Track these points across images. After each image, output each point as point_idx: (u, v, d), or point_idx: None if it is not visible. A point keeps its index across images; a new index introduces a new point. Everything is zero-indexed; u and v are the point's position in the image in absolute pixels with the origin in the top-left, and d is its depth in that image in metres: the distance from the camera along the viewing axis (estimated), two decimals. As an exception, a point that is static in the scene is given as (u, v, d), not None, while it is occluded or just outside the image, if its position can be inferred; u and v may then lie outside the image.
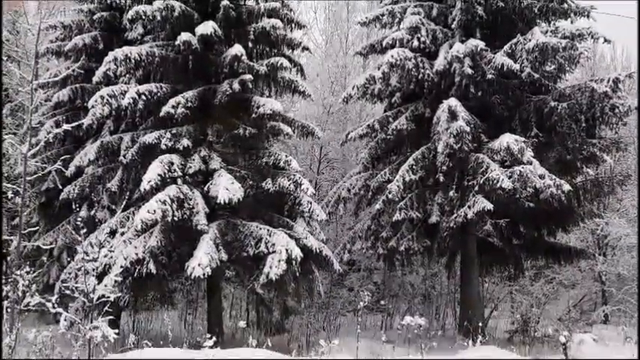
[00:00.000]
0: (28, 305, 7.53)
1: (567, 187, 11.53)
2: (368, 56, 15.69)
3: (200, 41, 11.45)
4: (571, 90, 12.67)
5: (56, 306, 7.03)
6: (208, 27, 11.30)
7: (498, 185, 11.27)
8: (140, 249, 10.47)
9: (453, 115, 11.88)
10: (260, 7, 12.15)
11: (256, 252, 11.00)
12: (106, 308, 7.97)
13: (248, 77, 11.38)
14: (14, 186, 10.73)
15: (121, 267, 9.76)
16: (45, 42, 14.81)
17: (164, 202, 10.32)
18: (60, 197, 12.40)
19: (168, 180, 10.76)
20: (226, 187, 10.69)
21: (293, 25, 13.24)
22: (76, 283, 8.05)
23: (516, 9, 13.02)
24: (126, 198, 10.89)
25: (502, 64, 12.07)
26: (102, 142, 12.26)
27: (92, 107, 11.45)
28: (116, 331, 7.40)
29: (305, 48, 13.77)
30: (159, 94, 11.48)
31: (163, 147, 11.09)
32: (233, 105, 11.72)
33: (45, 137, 12.31)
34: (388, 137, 13.41)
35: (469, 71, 12.27)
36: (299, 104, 19.40)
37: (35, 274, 9.75)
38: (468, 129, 11.72)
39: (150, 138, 11.24)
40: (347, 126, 17.83)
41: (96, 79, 11.79)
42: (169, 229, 10.81)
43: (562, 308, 15.33)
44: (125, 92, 11.32)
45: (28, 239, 12.27)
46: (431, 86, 13.13)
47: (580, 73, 17.90)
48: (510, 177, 11.32)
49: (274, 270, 10.50)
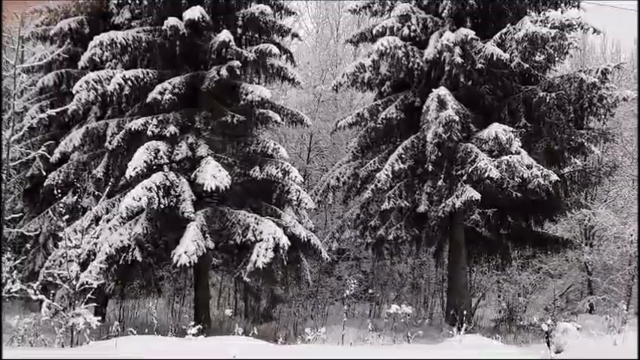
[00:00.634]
0: (10, 292, 7.45)
1: (554, 178, 11.58)
2: (359, 44, 15.57)
3: (188, 26, 11.30)
4: (560, 80, 12.68)
5: (38, 293, 6.95)
6: (196, 12, 11.15)
7: (486, 175, 11.29)
8: (125, 236, 10.39)
9: (443, 105, 11.85)
10: (249, -7, 12.01)
11: (244, 240, 10.97)
12: (91, 296, 7.91)
13: (236, 63, 11.25)
14: (-2, 172, 10.58)
15: (106, 254, 9.70)
16: (30, 26, 14.55)
17: (150, 189, 10.24)
18: (45, 183, 12.25)
19: (154, 167, 10.67)
20: (213, 175, 10.61)
21: (283, 12, 13.10)
22: (60, 271, 7.97)
23: (507, -2, 12.98)
24: (111, 185, 10.77)
25: (492, 54, 12.04)
26: (87, 128, 12.10)
27: (77, 92, 11.29)
28: (99, 319, 7.33)
29: (295, 35, 13.64)
30: (145, 80, 11.35)
31: (150, 133, 10.97)
32: (221, 92, 11.62)
33: (29, 122, 12.14)
34: (378, 126, 13.35)
35: (459, 60, 12.22)
36: (289, 92, 19.26)
37: (19, 261, 9.64)
38: (457, 118, 11.69)
39: (136, 124, 11.11)
40: (337, 114, 17.74)
41: (81, 64, 11.63)
42: (155, 217, 10.73)
43: (548, 297, 15.48)
44: (111, 78, 11.18)
45: (13, 226, 12.13)
46: (421, 75, 13.08)
47: (570, 65, 17.93)
48: (498, 167, 11.34)
49: (261, 258, 10.48)
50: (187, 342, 6.99)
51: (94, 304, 8.03)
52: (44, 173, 12.19)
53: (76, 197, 12.25)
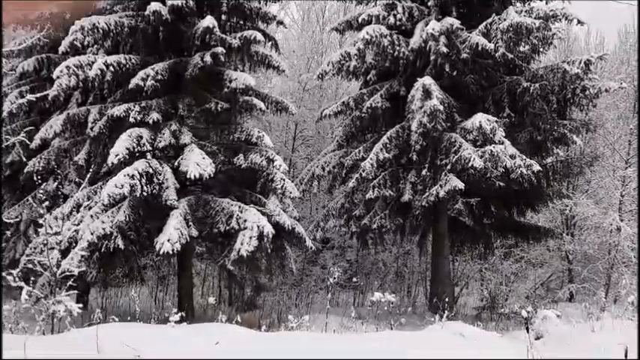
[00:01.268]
0: (-11, 279, 7.34)
1: (537, 168, 11.70)
2: (344, 32, 15.49)
3: (171, 12, 11.16)
4: (544, 71, 12.76)
5: (17, 280, 6.86)
6: (179, -3, 11.00)
7: (470, 164, 11.36)
8: (108, 224, 10.29)
9: (428, 94, 11.87)
10: (233, -21, 11.87)
11: (227, 228, 10.93)
12: (72, 283, 7.82)
13: (220, 50, 11.14)
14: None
15: (88, 242, 9.59)
16: (9, 10, 14.22)
17: (132, 177, 10.14)
18: (25, 170, 12.06)
19: (137, 154, 10.55)
20: (197, 163, 10.53)
21: (268, -1, 12.98)
22: (41, 258, 7.86)
23: (493, -13, 13.00)
24: (93, 172, 10.63)
25: (477, 44, 12.07)
26: (68, 114, 11.91)
27: (58, 78, 11.10)
28: (80, 306, 7.25)
29: (280, 22, 13.54)
30: (128, 66, 11.20)
31: (132, 120, 10.84)
32: (205, 78, 11.50)
33: (9, 108, 11.91)
34: (363, 115, 13.35)
35: (444, 50, 12.23)
36: (274, 80, 19.17)
37: (-1, 249, 9.50)
38: (442, 108, 11.73)
39: (118, 111, 10.97)
40: (323, 103, 17.70)
41: (62, 49, 11.41)
42: (138, 205, 10.64)
43: (530, 286, 15.70)
44: (93, 63, 11.02)
45: (-7, 213, 11.93)
46: (406, 64, 13.09)
47: (554, 56, 18.05)
48: (482, 156, 11.42)
49: (245, 246, 10.46)
50: (169, 329, 6.97)
51: (76, 292, 7.94)
52: (24, 160, 11.96)
53: (57, 184, 12.09)
